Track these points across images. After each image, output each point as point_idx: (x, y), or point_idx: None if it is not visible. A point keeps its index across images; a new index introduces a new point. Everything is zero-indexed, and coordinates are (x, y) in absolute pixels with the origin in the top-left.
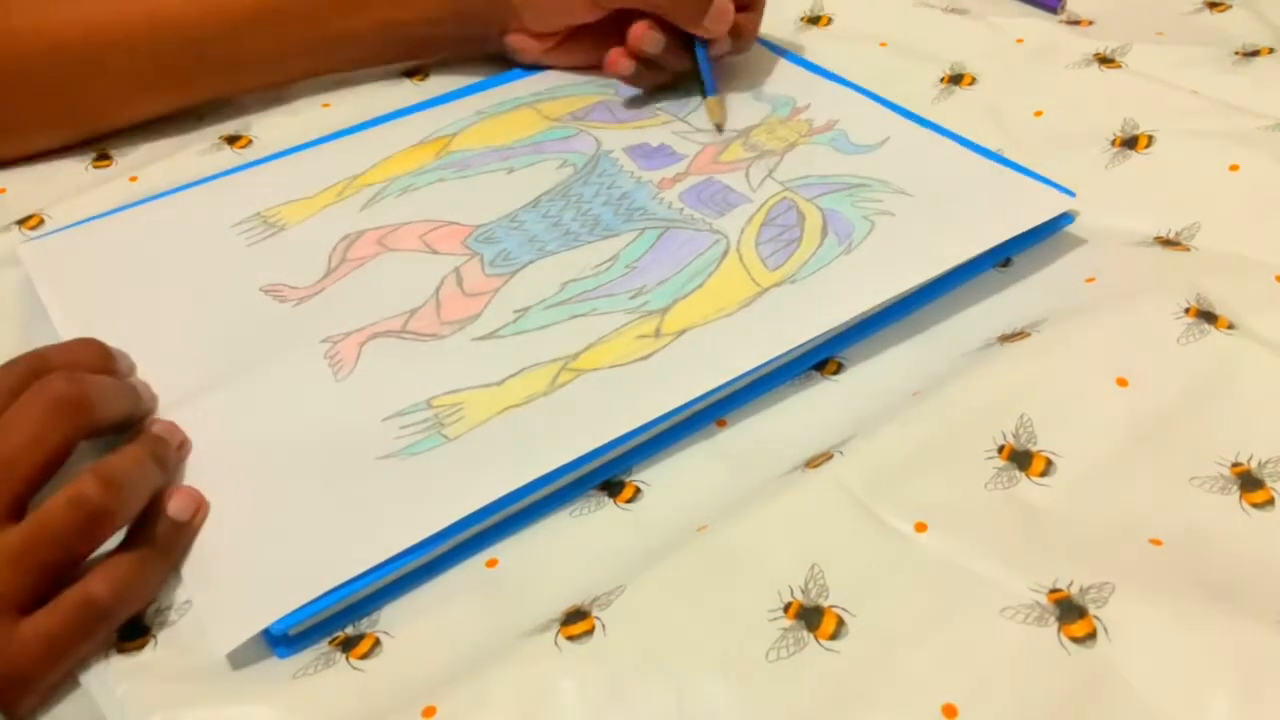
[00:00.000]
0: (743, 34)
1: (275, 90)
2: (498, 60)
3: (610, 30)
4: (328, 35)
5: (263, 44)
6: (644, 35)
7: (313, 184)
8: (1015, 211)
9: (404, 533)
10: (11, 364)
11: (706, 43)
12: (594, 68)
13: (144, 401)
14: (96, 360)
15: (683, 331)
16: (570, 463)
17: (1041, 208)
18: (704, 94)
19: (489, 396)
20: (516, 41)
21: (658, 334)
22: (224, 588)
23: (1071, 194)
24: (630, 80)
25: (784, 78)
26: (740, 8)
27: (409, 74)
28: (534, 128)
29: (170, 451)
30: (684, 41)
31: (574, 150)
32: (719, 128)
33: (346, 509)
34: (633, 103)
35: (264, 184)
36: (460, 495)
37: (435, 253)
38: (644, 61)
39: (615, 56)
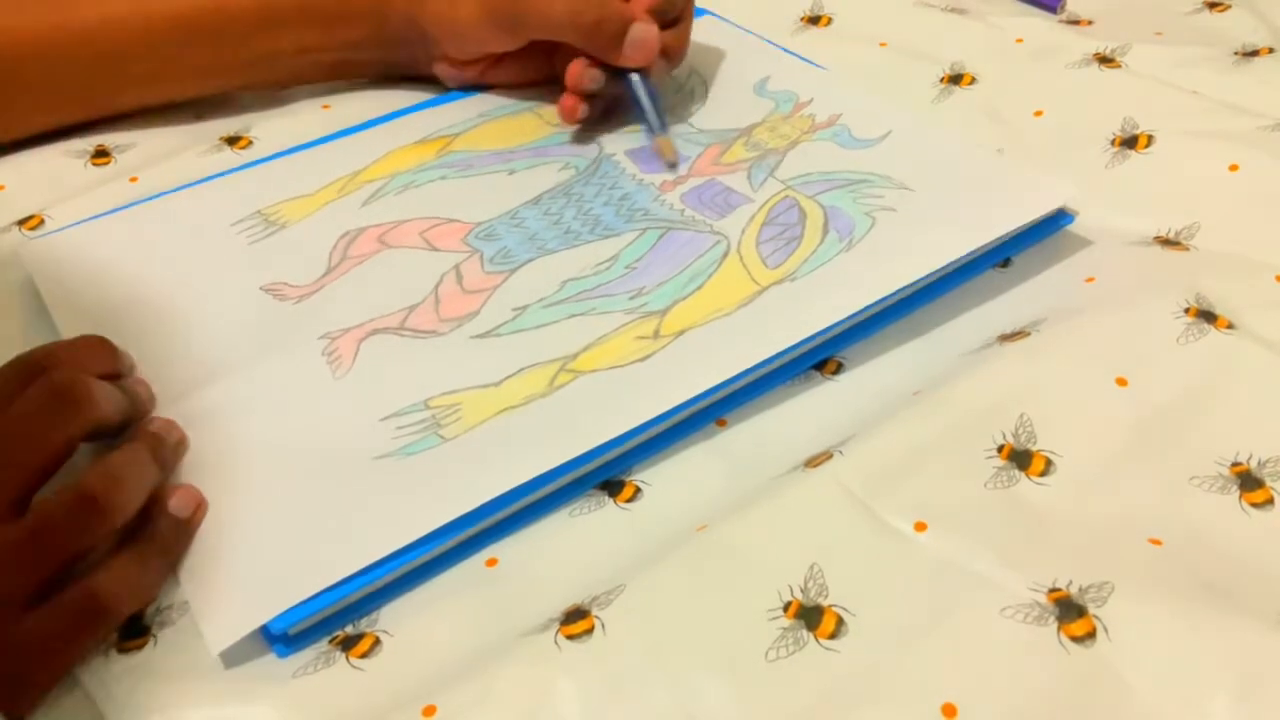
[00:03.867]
0: (673, 53)
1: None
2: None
3: (533, 52)
4: (249, 55)
5: (184, 60)
6: (582, 74)
7: (313, 181)
8: (1016, 204)
9: (398, 532)
10: (18, 360)
11: (641, 71)
12: (526, 86)
13: (143, 402)
14: (102, 357)
15: (681, 332)
16: (568, 463)
17: (1042, 199)
18: (648, 131)
19: (487, 397)
20: (441, 70)
21: (656, 335)
22: (218, 586)
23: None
24: (582, 121)
25: (785, 73)
26: (665, 25)
27: (408, 76)
28: (536, 132)
29: (168, 449)
30: (612, 69)
31: (576, 154)
32: (672, 166)
33: (342, 509)
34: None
35: (265, 182)
36: (457, 495)
37: (435, 249)
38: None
39: (570, 105)
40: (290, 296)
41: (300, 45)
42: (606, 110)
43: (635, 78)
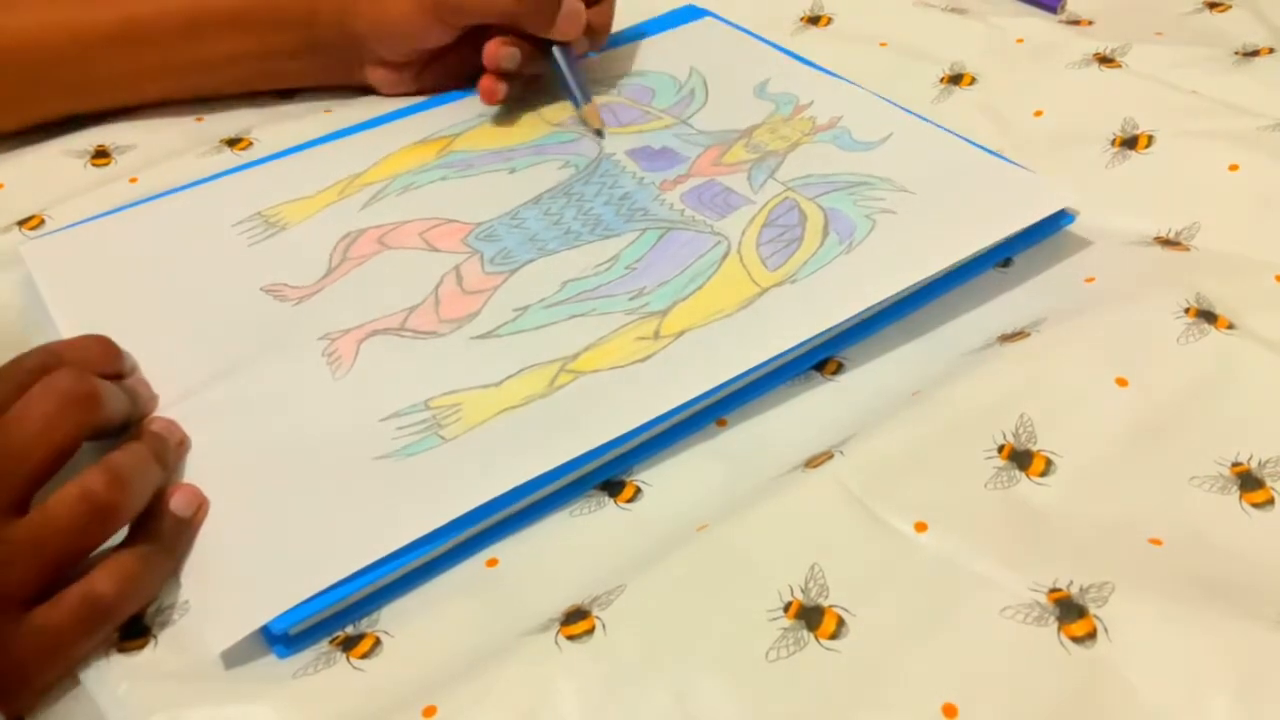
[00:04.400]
0: (596, 30)
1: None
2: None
3: (464, 48)
4: (181, 62)
5: (115, 67)
6: (499, 52)
7: (314, 183)
8: (1017, 207)
9: (399, 532)
10: (21, 359)
11: (565, 47)
12: (456, 86)
13: (145, 402)
14: (105, 356)
15: (682, 333)
16: (568, 463)
17: (1042, 202)
18: (574, 102)
19: (487, 398)
20: (374, 75)
21: (657, 335)
22: (220, 586)
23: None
24: (504, 100)
25: (785, 75)
26: (589, 3)
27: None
28: (536, 131)
29: (169, 449)
30: (537, 46)
31: (576, 153)
32: (599, 133)
33: (343, 509)
34: (629, 104)
35: (265, 183)
36: (457, 495)
37: (435, 250)
38: (504, 77)
39: (489, 85)
40: (290, 298)
41: (231, 53)
42: (526, 87)
43: (558, 51)
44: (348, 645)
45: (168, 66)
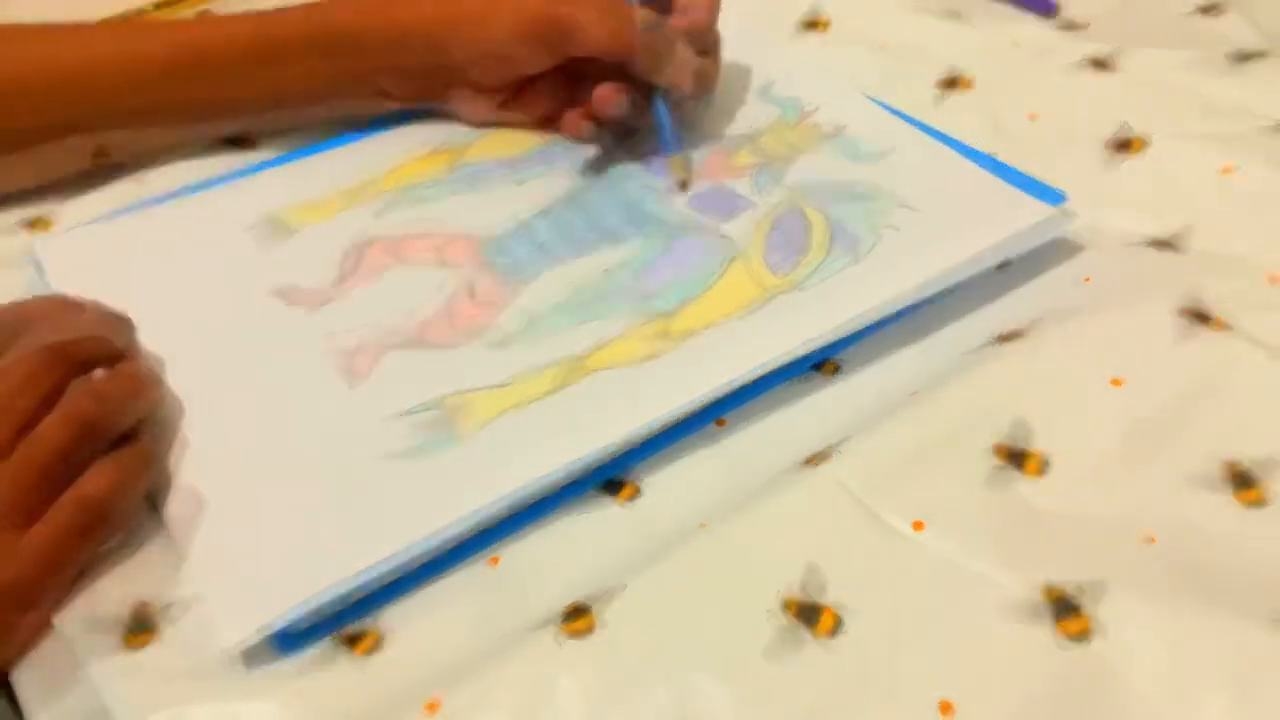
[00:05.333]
0: (704, 81)
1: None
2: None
3: (556, 84)
4: (250, 92)
5: (178, 96)
6: (610, 99)
7: (326, 188)
8: (1018, 231)
9: (410, 531)
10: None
11: (667, 95)
12: (541, 123)
13: (127, 328)
14: (58, 311)
15: (690, 333)
16: (579, 461)
17: (1044, 228)
18: (664, 149)
19: (497, 396)
20: (461, 98)
21: (665, 336)
22: (232, 585)
23: (1063, 198)
24: (587, 141)
25: (791, 79)
26: (699, 53)
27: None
28: (544, 138)
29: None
30: (645, 95)
31: (584, 160)
32: (683, 185)
33: (354, 508)
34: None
35: (277, 186)
36: (467, 494)
37: (447, 265)
38: (601, 121)
39: (573, 120)
40: (301, 303)
41: (304, 79)
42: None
43: (661, 101)
44: (351, 642)
45: (237, 96)
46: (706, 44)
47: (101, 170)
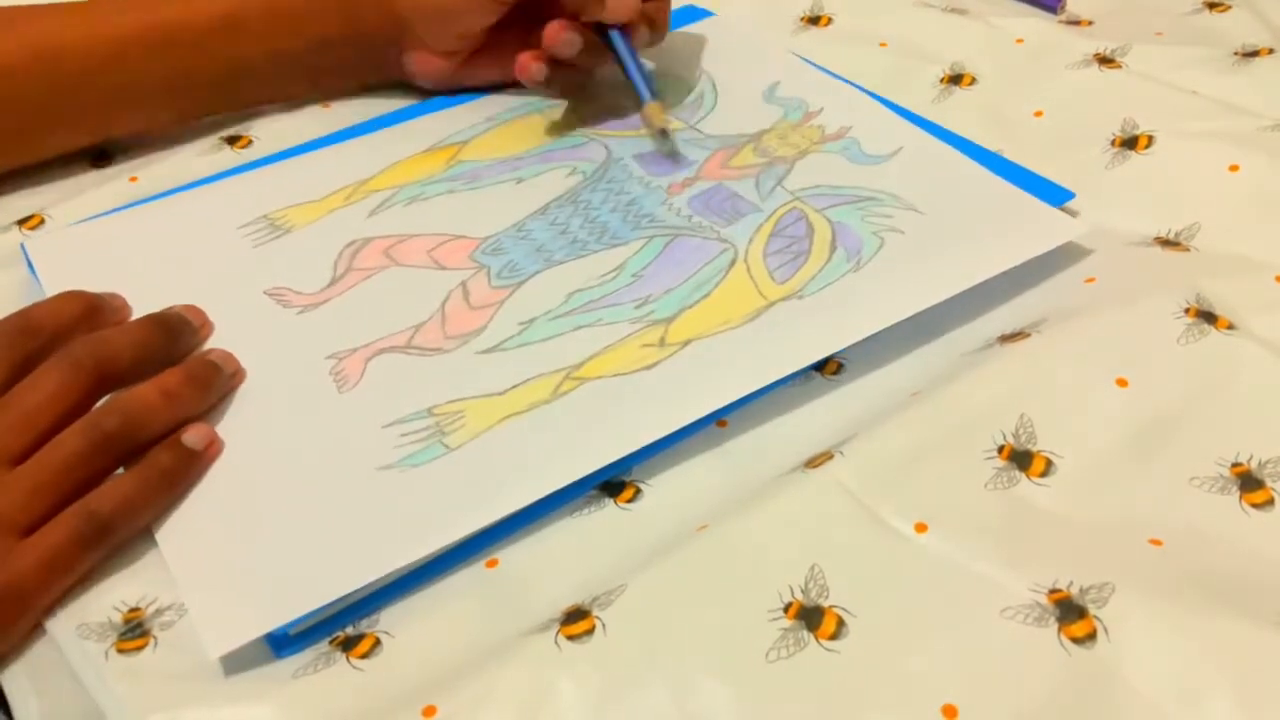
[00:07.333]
0: (654, 22)
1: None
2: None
3: (511, 42)
4: (221, 65)
5: (151, 73)
6: (559, 36)
7: (321, 186)
8: (1025, 238)
9: (403, 550)
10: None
11: (625, 36)
12: (507, 85)
13: (191, 328)
14: (81, 312)
15: (687, 342)
16: (570, 481)
17: (1050, 235)
18: (639, 100)
19: (491, 405)
20: (417, 62)
21: (662, 343)
22: (219, 595)
23: (1070, 196)
24: (545, 86)
25: (795, 80)
26: None
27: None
28: (543, 136)
29: (219, 377)
30: (598, 36)
31: (584, 158)
32: (663, 133)
33: (345, 521)
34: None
35: (271, 185)
36: (460, 513)
37: (442, 268)
38: (558, 64)
39: (525, 61)
40: (294, 303)
41: (271, 49)
42: (579, 89)
43: (617, 35)
44: (347, 645)
45: (208, 73)
46: None
47: (96, 168)
